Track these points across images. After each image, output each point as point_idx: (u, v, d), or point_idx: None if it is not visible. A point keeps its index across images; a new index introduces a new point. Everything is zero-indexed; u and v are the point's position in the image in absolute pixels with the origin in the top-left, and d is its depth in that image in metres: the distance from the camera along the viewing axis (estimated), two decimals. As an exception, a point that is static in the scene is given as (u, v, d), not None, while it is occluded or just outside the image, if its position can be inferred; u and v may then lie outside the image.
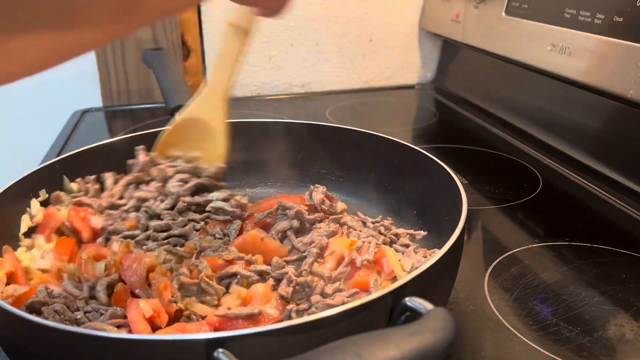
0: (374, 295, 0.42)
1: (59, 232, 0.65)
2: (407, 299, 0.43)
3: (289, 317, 0.50)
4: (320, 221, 0.67)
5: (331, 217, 0.68)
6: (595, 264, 0.69)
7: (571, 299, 0.63)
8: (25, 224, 0.65)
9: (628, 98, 0.78)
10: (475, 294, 0.64)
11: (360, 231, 0.66)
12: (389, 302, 0.43)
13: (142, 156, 0.73)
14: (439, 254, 0.48)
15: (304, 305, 0.52)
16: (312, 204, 0.69)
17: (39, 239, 0.63)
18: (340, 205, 0.71)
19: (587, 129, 0.99)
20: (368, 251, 0.59)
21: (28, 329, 0.43)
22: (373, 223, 0.70)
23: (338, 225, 0.67)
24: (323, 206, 0.69)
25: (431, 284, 0.48)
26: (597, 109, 0.96)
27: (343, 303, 0.50)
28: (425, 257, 0.61)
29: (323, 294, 0.54)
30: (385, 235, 0.67)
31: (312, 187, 0.71)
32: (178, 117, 0.73)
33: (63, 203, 0.68)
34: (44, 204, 0.68)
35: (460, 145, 1.10)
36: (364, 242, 0.61)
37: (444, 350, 0.36)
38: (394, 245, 0.65)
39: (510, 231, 0.78)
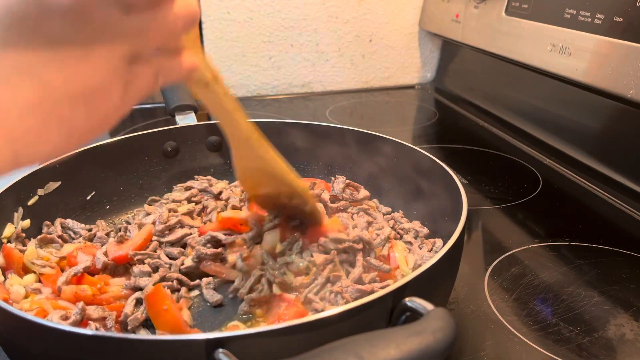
0: (374, 295, 0.42)
1: (25, 268, 0.62)
2: (407, 299, 0.43)
3: None
4: (345, 209, 0.71)
5: (356, 205, 0.73)
6: (595, 264, 0.69)
7: (571, 299, 0.63)
8: (9, 230, 0.64)
9: (628, 98, 0.78)
10: (475, 294, 0.64)
11: (382, 227, 0.67)
12: (389, 303, 0.43)
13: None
14: (439, 254, 0.48)
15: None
16: (334, 194, 0.73)
17: (14, 277, 0.60)
18: (363, 193, 0.74)
19: (587, 129, 0.99)
20: (383, 247, 0.62)
21: (28, 329, 0.43)
22: (384, 215, 0.72)
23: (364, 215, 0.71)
24: (344, 194, 0.73)
25: (431, 284, 0.48)
26: (597, 109, 0.96)
27: (373, 291, 0.53)
28: (431, 250, 0.63)
29: (360, 282, 0.57)
30: (394, 229, 0.68)
31: (333, 178, 0.75)
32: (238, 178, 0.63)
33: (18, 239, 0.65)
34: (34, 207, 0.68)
35: (460, 145, 1.10)
36: (378, 234, 0.63)
37: (444, 351, 0.36)
38: (400, 239, 0.67)
39: (510, 231, 0.78)
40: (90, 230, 0.70)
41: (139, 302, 0.56)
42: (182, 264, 0.63)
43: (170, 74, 0.38)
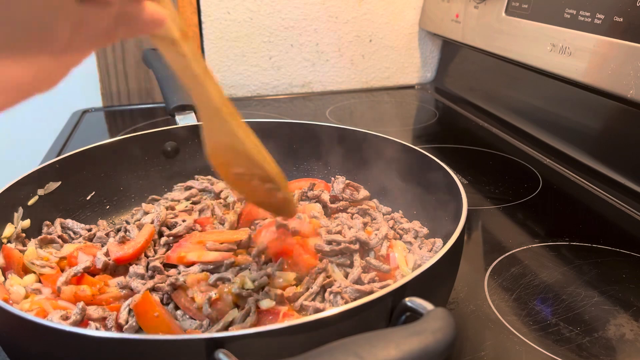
0: (374, 295, 0.42)
1: (25, 269, 0.62)
2: (407, 299, 0.43)
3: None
4: (344, 209, 0.72)
5: (356, 205, 0.73)
6: (595, 264, 0.69)
7: (571, 299, 0.63)
8: (9, 230, 0.64)
9: (628, 98, 0.78)
10: (475, 294, 0.64)
11: (379, 227, 0.67)
12: (389, 303, 0.43)
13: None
14: (439, 254, 0.48)
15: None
16: (334, 194, 0.74)
17: (14, 277, 0.60)
18: (362, 193, 0.74)
19: (587, 129, 0.99)
20: (382, 247, 0.62)
21: (28, 329, 0.43)
22: (384, 215, 0.72)
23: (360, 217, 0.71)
24: (344, 194, 0.74)
25: (431, 284, 0.48)
26: (597, 109, 0.96)
27: (372, 291, 0.53)
28: (431, 250, 0.63)
29: (359, 282, 0.57)
30: (394, 229, 0.69)
31: (333, 178, 0.75)
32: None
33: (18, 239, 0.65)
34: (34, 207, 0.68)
35: (460, 145, 1.10)
36: (376, 234, 0.63)
37: (444, 351, 0.36)
38: (399, 239, 0.67)
39: (510, 231, 0.78)
40: (90, 230, 0.70)
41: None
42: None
43: (131, 23, 0.33)
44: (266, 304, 0.52)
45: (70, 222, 0.70)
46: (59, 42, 0.28)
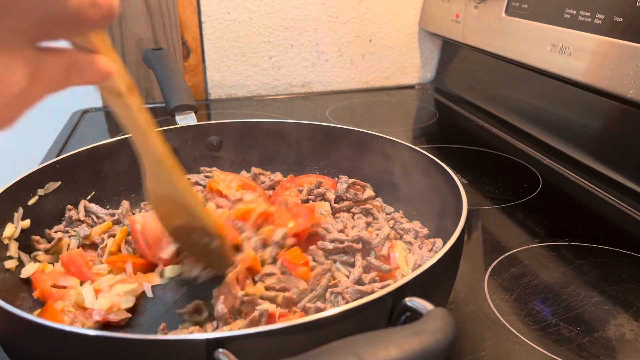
0: (374, 295, 0.42)
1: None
2: (407, 299, 0.43)
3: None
4: (348, 209, 0.72)
5: (359, 205, 0.74)
6: (595, 264, 0.69)
7: (571, 299, 0.63)
8: (9, 230, 0.63)
9: (628, 98, 0.78)
10: (475, 294, 0.64)
11: (381, 227, 0.67)
12: (389, 302, 0.43)
13: None
14: (439, 254, 0.48)
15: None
16: (338, 194, 0.75)
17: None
18: (367, 193, 0.75)
19: (587, 129, 0.99)
20: (383, 247, 0.62)
21: (28, 329, 0.43)
22: (387, 214, 0.73)
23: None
24: (347, 194, 0.74)
25: (431, 284, 0.48)
26: (597, 109, 0.96)
27: (373, 291, 0.53)
28: (431, 250, 0.63)
29: (360, 282, 0.58)
30: (395, 230, 0.69)
31: (336, 178, 0.76)
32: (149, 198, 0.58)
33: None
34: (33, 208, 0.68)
35: (460, 145, 1.10)
36: (377, 234, 0.63)
37: (444, 351, 0.36)
38: (400, 239, 0.67)
39: (510, 231, 0.78)
40: (113, 215, 0.72)
41: None
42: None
43: (83, 73, 0.36)
44: (267, 307, 0.52)
45: (93, 206, 0.72)
46: (15, 86, 0.30)
